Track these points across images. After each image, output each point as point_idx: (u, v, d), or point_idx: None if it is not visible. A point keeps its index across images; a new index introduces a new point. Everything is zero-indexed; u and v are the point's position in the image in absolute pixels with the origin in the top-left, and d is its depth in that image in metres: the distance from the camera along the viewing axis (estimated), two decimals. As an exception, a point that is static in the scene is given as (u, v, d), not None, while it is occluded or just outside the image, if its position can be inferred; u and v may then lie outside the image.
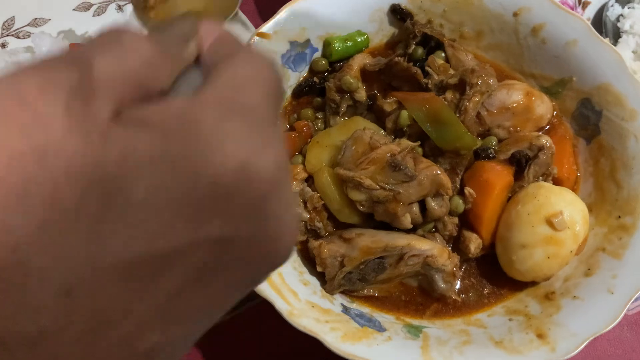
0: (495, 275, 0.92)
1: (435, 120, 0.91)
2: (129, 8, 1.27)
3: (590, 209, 0.92)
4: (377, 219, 0.88)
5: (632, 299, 0.79)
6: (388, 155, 0.87)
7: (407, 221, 0.85)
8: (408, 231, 0.89)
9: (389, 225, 0.88)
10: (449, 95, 0.94)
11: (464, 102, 0.91)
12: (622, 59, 0.94)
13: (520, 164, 0.91)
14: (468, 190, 0.90)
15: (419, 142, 0.91)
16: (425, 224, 0.88)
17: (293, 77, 1.05)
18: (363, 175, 0.87)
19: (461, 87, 0.93)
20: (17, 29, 1.26)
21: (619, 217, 0.89)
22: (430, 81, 0.98)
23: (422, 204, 0.87)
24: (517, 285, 0.91)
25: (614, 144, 0.94)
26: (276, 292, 0.81)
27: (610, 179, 0.93)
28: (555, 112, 1.01)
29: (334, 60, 1.05)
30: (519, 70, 1.05)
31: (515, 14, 1.01)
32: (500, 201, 0.89)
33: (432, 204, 0.86)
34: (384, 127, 0.97)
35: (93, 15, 1.28)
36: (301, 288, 0.85)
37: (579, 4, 1.22)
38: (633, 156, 0.90)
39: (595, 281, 0.85)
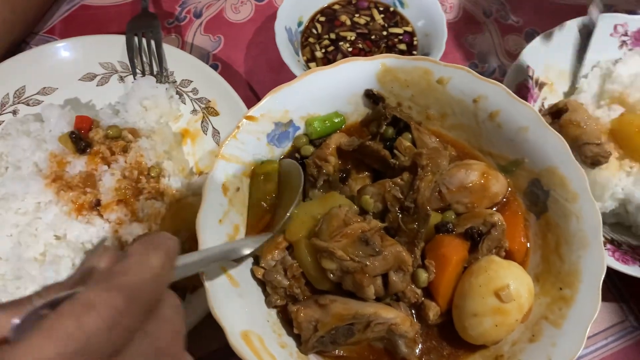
0: (454, 338, 1.03)
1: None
2: (130, 79, 1.40)
3: (537, 279, 1.05)
4: (344, 288, 0.99)
5: (567, 366, 0.91)
6: (360, 231, 0.99)
7: (370, 292, 0.97)
8: (375, 299, 1.00)
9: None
10: (405, 176, 1.06)
11: (416, 182, 1.03)
12: (566, 145, 1.06)
13: (474, 239, 1.03)
14: (429, 261, 1.02)
15: (385, 224, 1.03)
16: (387, 296, 1.00)
17: (277, 152, 1.16)
18: (336, 246, 0.98)
19: (414, 168, 1.05)
20: (28, 97, 1.38)
21: (561, 288, 1.00)
22: (397, 162, 1.10)
23: (385, 279, 0.98)
24: (472, 348, 1.02)
25: (559, 222, 1.06)
26: (257, 356, 0.91)
27: (555, 253, 1.05)
28: (509, 189, 1.13)
29: (314, 138, 1.18)
30: (479, 148, 1.17)
31: (474, 101, 1.13)
32: (455, 273, 1.01)
33: (394, 277, 0.98)
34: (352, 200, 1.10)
35: (97, 85, 1.41)
36: (279, 351, 0.96)
37: (536, 85, 1.36)
38: (574, 234, 1.02)
39: (538, 347, 0.96)
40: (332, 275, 0.99)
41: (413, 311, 1.04)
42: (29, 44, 1.56)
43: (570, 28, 1.42)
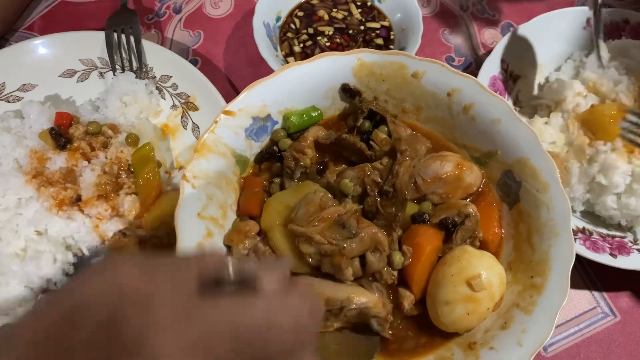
0: (430, 327, 1.04)
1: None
2: (110, 75, 1.41)
3: (509, 268, 1.07)
4: (323, 271, 1.01)
5: (536, 352, 0.93)
6: (336, 215, 1.01)
7: (349, 273, 0.99)
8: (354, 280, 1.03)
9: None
10: (384, 161, 1.09)
11: (395, 167, 1.06)
12: (537, 137, 1.08)
13: (448, 229, 1.05)
14: (407, 247, 1.04)
15: (361, 206, 1.06)
16: (365, 276, 1.02)
17: (255, 146, 1.18)
18: (313, 231, 1.00)
19: (393, 153, 1.08)
20: (8, 93, 1.38)
21: (532, 277, 1.03)
22: (374, 153, 1.12)
23: (362, 260, 1.01)
24: (447, 335, 1.04)
25: (530, 212, 1.08)
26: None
27: (526, 242, 1.07)
28: (484, 180, 1.15)
29: (292, 132, 1.19)
30: (453, 140, 1.20)
31: (449, 94, 1.16)
32: (429, 262, 1.04)
33: (371, 258, 1.00)
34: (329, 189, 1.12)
35: (77, 82, 1.42)
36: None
37: (510, 78, 1.38)
38: (545, 223, 1.05)
39: (509, 334, 0.99)
40: (310, 259, 1.01)
41: (390, 291, 1.06)
42: (9, 40, 1.56)
43: (545, 21, 1.44)
